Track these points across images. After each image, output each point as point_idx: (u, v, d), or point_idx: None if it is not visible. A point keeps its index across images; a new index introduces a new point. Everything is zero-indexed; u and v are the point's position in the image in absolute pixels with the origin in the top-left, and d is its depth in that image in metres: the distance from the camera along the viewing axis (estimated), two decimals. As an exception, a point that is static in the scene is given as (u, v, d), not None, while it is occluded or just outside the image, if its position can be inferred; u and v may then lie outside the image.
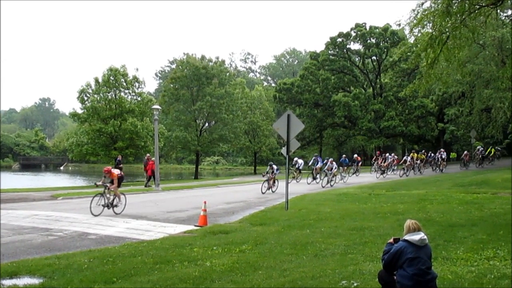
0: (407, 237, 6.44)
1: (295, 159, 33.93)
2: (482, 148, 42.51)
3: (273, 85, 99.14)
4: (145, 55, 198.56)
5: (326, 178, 28.59)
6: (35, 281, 8.00)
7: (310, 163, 33.15)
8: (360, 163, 39.58)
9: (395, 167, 38.37)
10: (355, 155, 40.47)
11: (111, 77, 38.86)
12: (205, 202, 14.57)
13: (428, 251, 6.52)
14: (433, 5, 14.86)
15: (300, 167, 32.90)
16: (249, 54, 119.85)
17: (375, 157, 41.37)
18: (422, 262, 6.30)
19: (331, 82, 59.99)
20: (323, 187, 26.40)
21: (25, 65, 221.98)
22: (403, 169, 36.27)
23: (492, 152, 43.43)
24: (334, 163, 29.60)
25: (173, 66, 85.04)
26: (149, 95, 45.90)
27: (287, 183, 18.04)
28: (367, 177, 35.71)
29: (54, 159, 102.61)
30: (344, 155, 36.51)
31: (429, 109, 56.15)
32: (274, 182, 25.64)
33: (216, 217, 15.87)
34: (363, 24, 59.72)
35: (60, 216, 15.90)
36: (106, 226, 13.99)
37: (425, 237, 6.47)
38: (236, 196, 24.05)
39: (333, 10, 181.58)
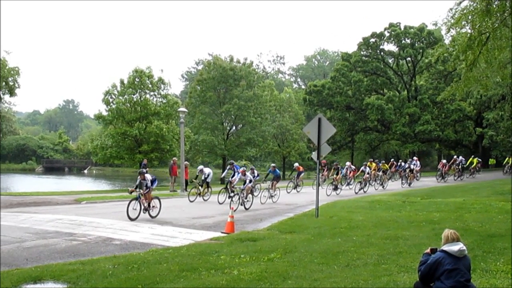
0: (445, 248, 6.24)
1: (200, 167, 25.64)
2: (462, 158, 39.19)
3: (303, 87, 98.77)
4: (170, 56, 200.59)
5: (237, 196, 20.12)
6: (59, 286, 7.97)
7: (223, 174, 25.58)
8: (302, 174, 30.73)
9: (351, 180, 31.53)
10: (296, 164, 31.84)
11: (136, 79, 38.87)
12: (232, 208, 14.37)
13: (467, 262, 6.30)
14: (472, 3, 14.37)
15: (208, 179, 24.69)
16: (278, 56, 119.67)
17: (320, 167, 35.13)
18: (461, 274, 6.08)
19: (363, 84, 59.31)
20: (234, 210, 17.13)
21: (49, 66, 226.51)
22: (360, 182, 29.37)
23: (474, 163, 40.25)
24: (248, 174, 21.31)
25: (199, 67, 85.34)
26: (175, 97, 45.86)
27: (318, 189, 17.66)
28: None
29: (77, 162, 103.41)
30: (273, 165, 27.14)
31: (467, 113, 55.02)
32: (150, 202, 17.22)
33: (243, 224, 15.65)
34: (398, 24, 58.86)
35: (84, 220, 15.89)
36: (131, 232, 13.87)
37: (464, 247, 6.25)
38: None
39: (366, 10, 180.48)
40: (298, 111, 62.87)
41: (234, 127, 56.82)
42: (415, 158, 37.79)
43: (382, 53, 60.24)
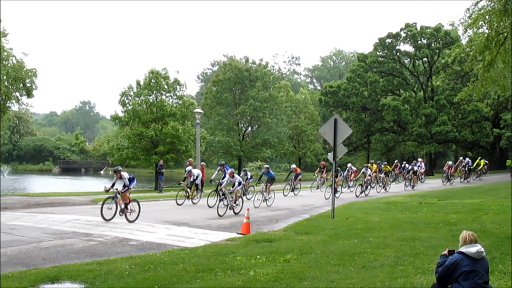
0: (463, 249, 6.20)
1: (188, 168, 23.95)
2: (469, 160, 38.09)
3: (318, 88, 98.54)
4: (186, 57, 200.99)
5: (225, 201, 18.58)
6: (76, 286, 8.04)
7: (213, 176, 23.91)
8: (299, 176, 29.04)
9: (352, 183, 30.10)
10: (293, 166, 30.45)
11: (152, 80, 38.92)
12: (248, 209, 14.40)
13: (485, 264, 6.25)
14: (489, 3, 14.23)
15: (197, 181, 23.15)
16: (293, 57, 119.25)
17: (318, 168, 32.67)
18: (479, 276, 6.04)
19: (379, 85, 58.99)
20: (220, 215, 17.83)
21: (66, 68, 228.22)
22: (361, 185, 28.05)
23: (481, 165, 38.78)
24: (237, 176, 20.21)
25: (215, 69, 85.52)
26: (191, 98, 45.88)
27: (333, 191, 17.63)
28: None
29: (94, 163, 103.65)
30: (266, 166, 25.89)
31: (484, 113, 54.49)
32: (128, 203, 16.28)
33: (259, 225, 15.65)
34: (414, 24, 58.40)
35: (100, 221, 15.88)
36: (147, 232, 13.94)
37: (482, 249, 6.21)
38: (280, 203, 23.48)
39: (382, 10, 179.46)
40: (314, 112, 62.78)
41: (249, 128, 56.88)
42: (419, 159, 36.84)
43: (398, 54, 59.86)
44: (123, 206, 16.05)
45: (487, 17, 14.20)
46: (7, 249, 11.10)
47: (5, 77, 28.91)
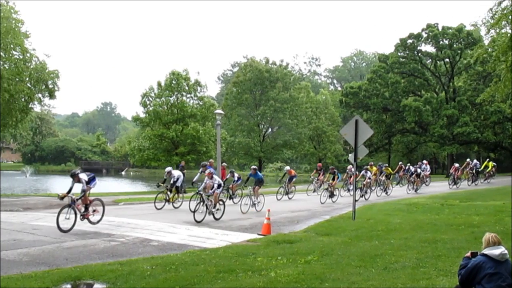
0: (486, 251, 6.13)
1: (167, 169, 22.26)
2: (477, 162, 36.68)
3: (339, 89, 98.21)
4: (207, 58, 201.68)
5: (204, 207, 16.81)
6: (98, 286, 8.09)
7: (195, 178, 22.08)
8: (294, 179, 27.62)
9: (352, 186, 28.21)
10: (287, 167, 28.71)
11: (173, 81, 39.19)
12: (268, 210, 14.36)
13: (509, 266, 6.14)
14: (513, 3, 14.06)
15: (178, 183, 21.35)
16: (313, 58, 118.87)
17: (315, 170, 31.26)
18: (503, 279, 5.95)
19: (400, 85, 58.65)
20: (197, 221, 16.16)
21: (88, 69, 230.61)
22: (360, 188, 26.40)
23: (490, 167, 37.27)
24: (216, 178, 17.99)
25: (235, 70, 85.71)
26: (211, 99, 46.03)
27: (355, 192, 17.56)
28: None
29: (115, 164, 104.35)
30: (253, 167, 23.73)
31: (507, 114, 53.77)
32: (89, 205, 14.99)
33: (280, 226, 15.57)
34: (435, 25, 58.01)
35: (122, 221, 16.02)
36: (168, 233, 13.97)
37: (506, 251, 6.12)
38: (301, 204, 23.41)
39: (403, 10, 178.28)
40: (334, 113, 62.63)
41: (270, 129, 56.96)
42: (424, 162, 35.45)
43: (419, 54, 59.43)
44: (83, 210, 14.73)
45: (510, 17, 14.03)
46: (29, 249, 11.24)
47: (27, 79, 29.26)
